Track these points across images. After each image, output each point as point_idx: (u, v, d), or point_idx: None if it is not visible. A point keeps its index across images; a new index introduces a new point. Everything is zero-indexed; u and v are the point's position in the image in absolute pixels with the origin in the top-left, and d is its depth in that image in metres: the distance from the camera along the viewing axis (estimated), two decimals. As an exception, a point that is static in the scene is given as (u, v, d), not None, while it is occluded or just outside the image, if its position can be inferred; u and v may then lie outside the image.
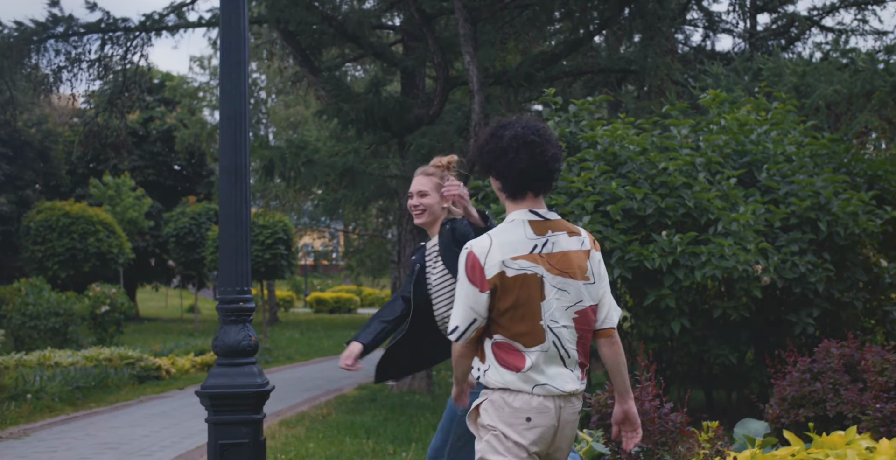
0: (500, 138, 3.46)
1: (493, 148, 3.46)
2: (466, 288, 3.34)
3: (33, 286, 19.01)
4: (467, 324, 3.33)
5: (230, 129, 4.21)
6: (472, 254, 3.35)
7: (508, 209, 3.48)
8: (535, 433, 3.29)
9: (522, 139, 3.42)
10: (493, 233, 3.41)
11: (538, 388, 3.30)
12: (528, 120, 3.53)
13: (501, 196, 3.50)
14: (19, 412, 10.92)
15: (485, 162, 3.48)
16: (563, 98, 11.30)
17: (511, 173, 3.41)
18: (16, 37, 14.27)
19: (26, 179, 35.65)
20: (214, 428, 4.05)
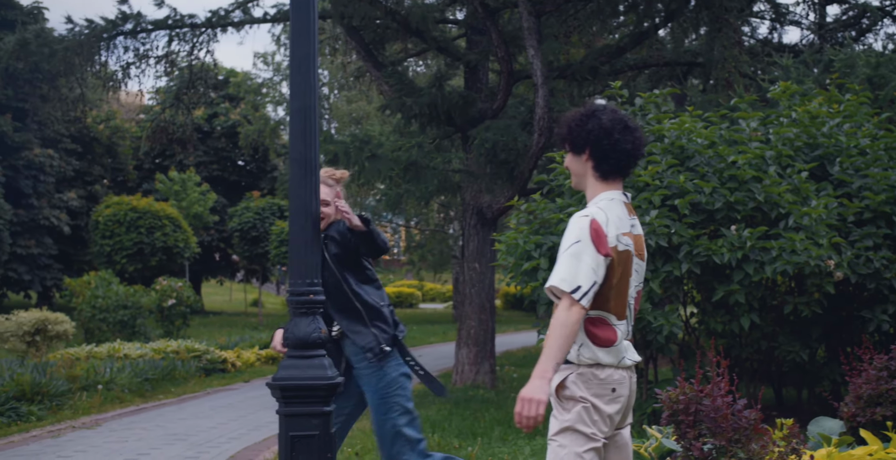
0: (599, 119, 3.54)
1: (594, 127, 3.53)
2: (590, 251, 3.40)
3: (102, 279, 19.36)
4: (590, 285, 3.39)
5: (300, 122, 4.22)
6: (595, 221, 3.44)
7: (596, 188, 3.57)
8: (619, 402, 3.50)
9: (624, 122, 3.55)
10: (602, 207, 3.50)
11: (623, 360, 3.50)
12: (614, 108, 3.60)
13: (590, 175, 3.57)
14: (91, 402, 11.13)
15: (583, 139, 3.54)
16: (629, 91, 11.19)
17: (614, 153, 3.52)
18: (86, 34, 14.52)
19: (95, 175, 36.31)
20: (285, 419, 4.06)
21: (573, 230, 3.46)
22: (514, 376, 14.37)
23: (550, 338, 3.39)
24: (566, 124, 3.62)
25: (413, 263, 43.59)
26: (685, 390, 4.43)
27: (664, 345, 8.07)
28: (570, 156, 3.63)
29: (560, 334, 3.37)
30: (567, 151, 3.66)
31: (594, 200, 3.57)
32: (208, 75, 17.84)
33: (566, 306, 3.38)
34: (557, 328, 3.37)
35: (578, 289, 3.37)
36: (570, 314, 3.37)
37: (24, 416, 10.10)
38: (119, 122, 38.09)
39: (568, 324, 3.37)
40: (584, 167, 3.59)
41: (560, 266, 3.42)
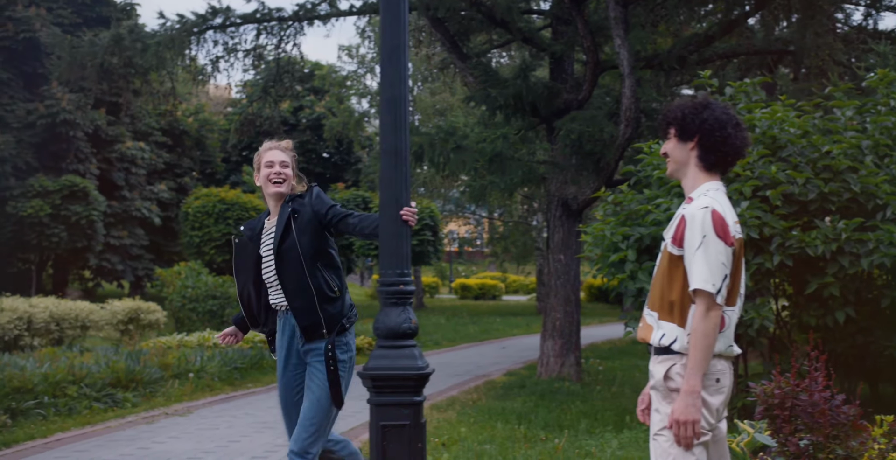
0: (714, 111, 3.54)
1: (709, 118, 3.52)
2: (718, 244, 3.38)
3: (192, 270, 19.77)
4: (722, 281, 3.37)
5: (390, 113, 4.24)
6: (715, 212, 3.42)
7: (698, 179, 3.55)
8: (723, 393, 3.45)
9: (736, 119, 3.56)
10: (714, 197, 3.48)
11: (728, 349, 3.46)
12: (724, 103, 3.63)
13: (693, 164, 3.56)
14: (182, 390, 11.37)
15: (695, 127, 3.52)
16: (718, 81, 10.98)
17: (724, 147, 3.52)
18: (177, 29, 14.81)
19: (184, 167, 37.08)
20: (376, 409, 4.10)
21: (697, 225, 3.41)
22: (599, 369, 14.26)
23: (695, 349, 3.35)
24: (679, 110, 3.58)
25: (496, 255, 43.57)
26: (781, 384, 4.34)
27: (754, 338, 7.92)
28: (673, 142, 3.59)
29: (704, 345, 3.34)
30: (669, 137, 3.62)
31: (699, 190, 3.54)
32: (294, 68, 18.04)
33: (704, 311, 3.35)
34: (701, 339, 3.34)
35: (713, 287, 3.35)
36: (710, 319, 3.34)
37: (119, 403, 10.37)
38: (207, 115, 38.82)
39: (710, 333, 3.35)
40: (688, 155, 3.56)
41: (698, 266, 3.37)
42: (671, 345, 3.44)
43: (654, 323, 3.51)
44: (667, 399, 3.44)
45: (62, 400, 9.79)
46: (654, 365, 3.52)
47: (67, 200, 28.16)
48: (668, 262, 3.49)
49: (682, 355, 3.41)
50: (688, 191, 3.59)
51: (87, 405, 9.96)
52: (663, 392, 3.46)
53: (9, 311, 14.88)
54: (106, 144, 32.10)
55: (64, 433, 8.78)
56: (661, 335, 3.48)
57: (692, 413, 3.31)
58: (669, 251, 3.48)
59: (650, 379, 3.55)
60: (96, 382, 10.46)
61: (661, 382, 3.44)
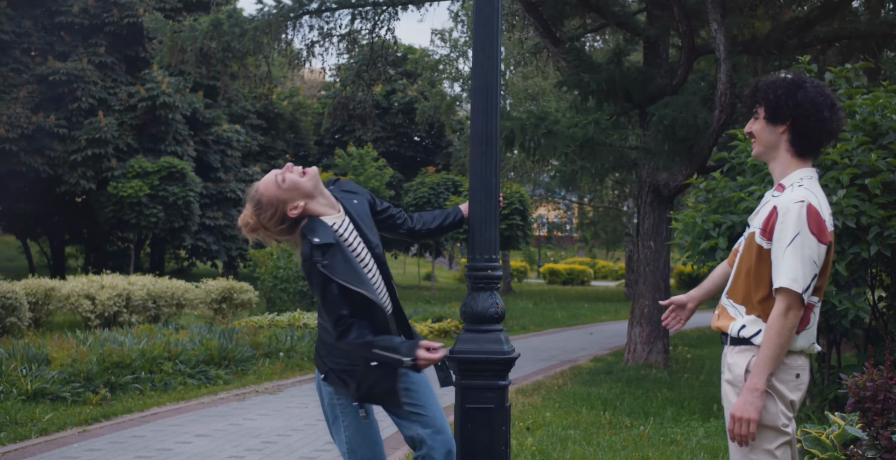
0: (808, 92, 3.34)
1: (804, 100, 3.33)
2: (812, 243, 3.24)
3: (283, 251, 20.10)
4: (812, 281, 3.26)
5: (482, 100, 4.26)
6: (812, 207, 3.26)
7: (790, 165, 3.40)
8: (802, 390, 3.35)
9: (832, 100, 3.36)
10: (810, 188, 3.32)
11: (811, 347, 3.36)
12: (817, 80, 3.41)
13: (783, 148, 3.39)
14: (273, 369, 11.62)
15: (788, 110, 3.35)
16: (819, 66, 10.75)
17: (819, 132, 3.36)
18: (274, 14, 15.03)
19: (278, 149, 37.71)
20: (462, 392, 4.15)
21: (791, 220, 3.25)
22: (687, 357, 14.13)
23: (767, 347, 3.24)
24: (771, 90, 3.38)
25: (586, 240, 43.35)
26: (874, 376, 4.26)
27: (849, 329, 7.76)
28: (762, 124, 3.41)
29: (777, 344, 3.23)
30: (757, 117, 3.45)
31: (791, 177, 3.38)
32: (388, 53, 18.17)
33: (785, 309, 3.23)
34: (775, 337, 3.23)
35: (805, 289, 3.24)
36: (789, 319, 3.23)
37: (212, 379, 10.65)
38: (301, 99, 39.34)
39: (785, 333, 3.23)
40: (777, 139, 3.39)
41: (787, 264, 3.23)
42: (752, 338, 3.34)
43: (736, 314, 3.41)
44: None
45: (158, 376, 10.10)
46: (731, 356, 3.39)
47: (165, 181, 28.88)
48: (756, 256, 3.36)
49: (756, 347, 3.32)
50: (777, 177, 3.44)
51: (182, 381, 10.25)
52: (741, 386, 3.33)
53: (109, 288, 15.37)
54: (203, 127, 32.82)
55: (160, 407, 9.06)
56: (741, 325, 3.37)
57: (751, 411, 3.22)
58: (759, 243, 3.34)
59: (724, 371, 3.43)
60: (190, 359, 10.76)
61: (742, 375, 3.32)
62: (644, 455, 6.81)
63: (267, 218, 3.88)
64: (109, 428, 8.02)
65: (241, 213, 4.03)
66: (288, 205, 3.85)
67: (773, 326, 3.24)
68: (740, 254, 3.48)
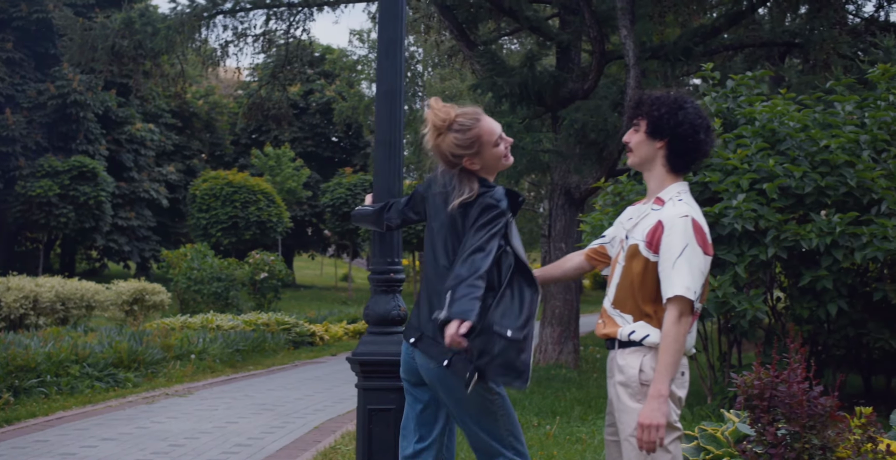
0: (687, 112, 3.49)
1: (683, 121, 3.47)
2: (699, 254, 3.38)
3: (198, 252, 19.92)
4: (701, 290, 3.40)
5: (386, 105, 4.33)
6: (696, 221, 3.41)
7: (665, 179, 3.53)
8: (686, 387, 3.47)
9: (708, 124, 3.52)
10: (688, 202, 3.47)
11: (691, 349, 3.50)
12: (696, 102, 3.55)
13: (659, 163, 3.52)
14: (184, 371, 11.51)
15: (668, 129, 3.47)
16: (723, 72, 11.02)
17: (694, 153, 3.51)
18: (188, 13, 14.89)
19: (193, 149, 37.23)
20: (364, 393, 4.20)
21: (678, 233, 3.38)
22: (597, 357, 14.38)
23: (666, 353, 3.33)
24: (655, 106, 3.50)
25: (503, 242, 43.57)
26: (761, 375, 4.43)
27: (747, 329, 8.01)
28: (641, 136, 3.53)
29: (675, 350, 3.34)
30: (638, 130, 3.55)
31: (669, 191, 3.50)
32: (304, 53, 18.12)
33: (678, 316, 3.34)
34: (672, 344, 3.33)
35: (698, 297, 3.37)
36: (682, 326, 3.34)
37: (121, 382, 10.52)
38: (217, 98, 38.91)
39: (681, 339, 3.35)
40: (654, 153, 3.51)
41: (679, 274, 3.35)
42: (643, 341, 3.43)
43: (623, 322, 3.49)
44: (638, 395, 3.41)
45: (65, 380, 9.94)
46: (623, 358, 3.46)
47: (76, 181, 28.34)
48: (642, 268, 3.46)
49: (651, 348, 3.41)
50: (654, 190, 3.55)
51: (89, 384, 10.11)
52: (635, 387, 3.41)
53: (15, 290, 15.04)
54: (116, 126, 32.26)
55: (65, 411, 8.93)
56: (630, 330, 3.46)
57: (659, 417, 3.28)
58: (645, 256, 3.45)
59: (614, 374, 3.48)
60: (99, 362, 10.61)
61: (636, 376, 3.41)
62: (549, 453, 6.94)
63: (458, 142, 3.79)
64: (12, 433, 7.88)
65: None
66: (475, 155, 3.81)
67: (669, 334, 3.34)
68: (622, 265, 3.54)
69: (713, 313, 7.89)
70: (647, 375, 3.40)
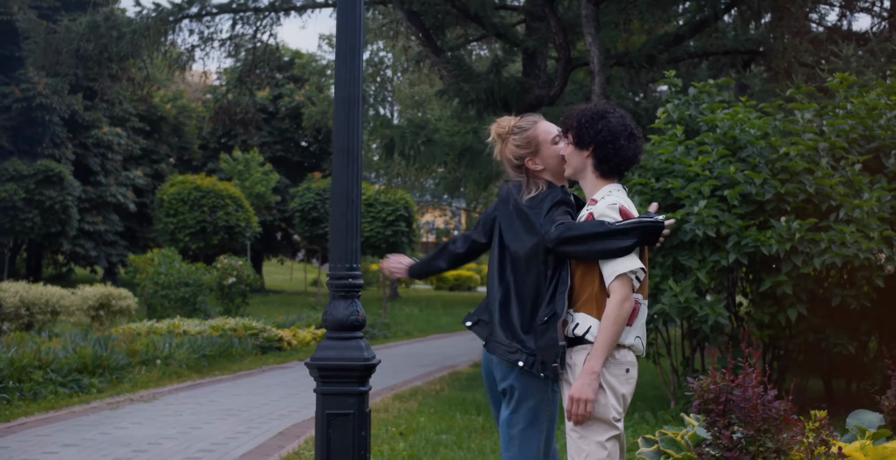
0: (608, 121, 3.68)
1: (603, 129, 3.67)
2: None
3: (165, 256, 19.81)
4: (639, 268, 3.56)
5: (344, 113, 4.36)
6: (623, 207, 3.63)
7: (597, 184, 3.73)
8: (632, 384, 3.66)
9: (630, 129, 3.71)
10: (618, 196, 3.67)
11: (636, 341, 3.63)
12: (622, 111, 3.75)
13: (589, 171, 3.72)
14: (149, 376, 11.46)
15: (589, 138, 3.69)
16: (688, 80, 11.15)
17: (616, 158, 3.69)
18: (153, 17, 14.85)
19: (161, 153, 37.00)
20: (322, 398, 4.23)
21: (608, 218, 3.59)
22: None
23: (604, 334, 3.50)
24: (576, 118, 3.74)
25: (472, 246, 43.66)
26: (716, 380, 4.49)
27: (709, 334, 8.10)
28: (570, 148, 3.77)
29: (614, 331, 3.51)
30: (568, 143, 3.78)
31: (601, 192, 3.71)
32: (272, 57, 18.10)
33: (621, 300, 3.51)
34: (611, 325, 3.50)
35: (636, 276, 3.55)
36: (624, 308, 3.52)
37: (85, 388, 10.45)
38: (186, 102, 38.71)
39: (620, 322, 3.52)
40: (584, 162, 3.75)
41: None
42: (585, 335, 3.59)
43: (568, 318, 3.65)
44: None
45: (27, 385, 9.86)
46: (570, 357, 3.63)
47: (42, 185, 28.10)
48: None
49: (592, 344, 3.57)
50: (589, 194, 3.78)
51: (53, 390, 10.04)
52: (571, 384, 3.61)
53: (-21, 295, 14.89)
54: (82, 129, 32.03)
55: (27, 417, 8.86)
56: (574, 325, 3.62)
57: (588, 392, 3.48)
58: None
59: (566, 372, 3.65)
60: (62, 367, 10.54)
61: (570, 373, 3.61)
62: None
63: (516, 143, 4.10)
64: (-27, 440, 7.82)
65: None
66: (531, 156, 4.04)
67: (609, 315, 3.51)
68: None
69: (676, 318, 7.98)
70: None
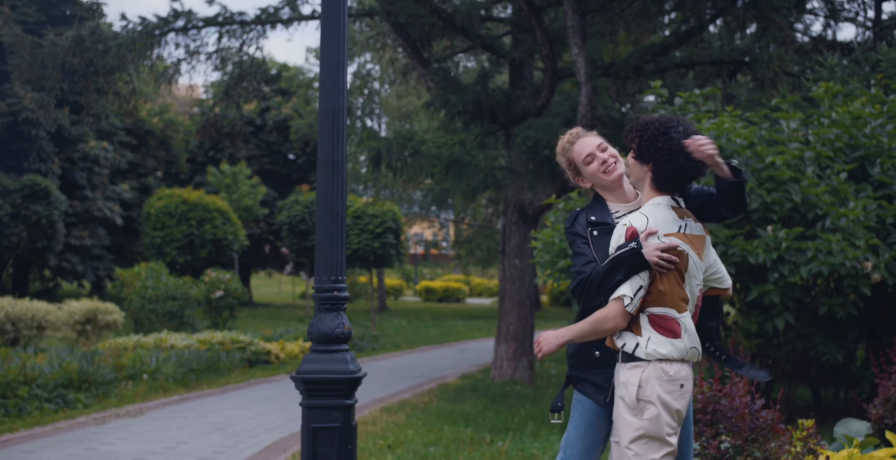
0: (669, 138, 3.67)
1: (663, 147, 3.66)
2: None
3: (152, 270, 19.73)
4: (636, 291, 3.58)
5: (328, 124, 4.34)
6: (632, 229, 3.63)
7: (649, 195, 3.75)
8: (686, 398, 3.64)
9: None
10: (645, 212, 3.68)
11: (690, 351, 3.63)
12: (689, 123, 3.72)
13: (647, 182, 3.75)
14: (136, 391, 11.39)
15: (650, 154, 3.69)
16: (674, 90, 11.17)
17: (674, 175, 3.69)
18: (139, 31, 14.80)
19: (148, 167, 36.89)
20: (308, 411, 4.20)
21: (614, 238, 3.68)
22: (552, 372, 14.43)
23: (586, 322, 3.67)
24: (639, 133, 3.74)
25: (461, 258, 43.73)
26: (704, 389, 4.49)
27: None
28: (632, 160, 3.80)
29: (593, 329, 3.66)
30: (633, 153, 3.79)
31: (647, 205, 3.75)
32: (259, 70, 18.05)
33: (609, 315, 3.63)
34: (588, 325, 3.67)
35: (632, 300, 3.58)
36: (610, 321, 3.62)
37: (70, 403, 10.38)
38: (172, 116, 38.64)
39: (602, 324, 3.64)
40: (644, 174, 3.76)
41: None
42: (635, 352, 3.59)
43: (618, 333, 3.68)
44: (634, 409, 3.55)
45: (12, 401, 9.79)
46: (623, 374, 3.63)
47: (28, 200, 27.96)
48: None
49: (649, 362, 3.56)
50: (642, 203, 3.81)
51: (38, 406, 9.97)
52: (630, 401, 3.57)
53: (-36, 311, 14.80)
54: (68, 144, 31.91)
55: (12, 434, 8.79)
56: (622, 343, 3.65)
57: (551, 343, 3.70)
58: None
59: (618, 387, 3.64)
60: (48, 383, 10.47)
61: (634, 393, 3.55)
62: (501, 470, 6.96)
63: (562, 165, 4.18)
64: (-43, 457, 7.75)
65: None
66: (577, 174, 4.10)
67: (590, 319, 3.65)
68: None
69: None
70: (644, 391, 3.56)
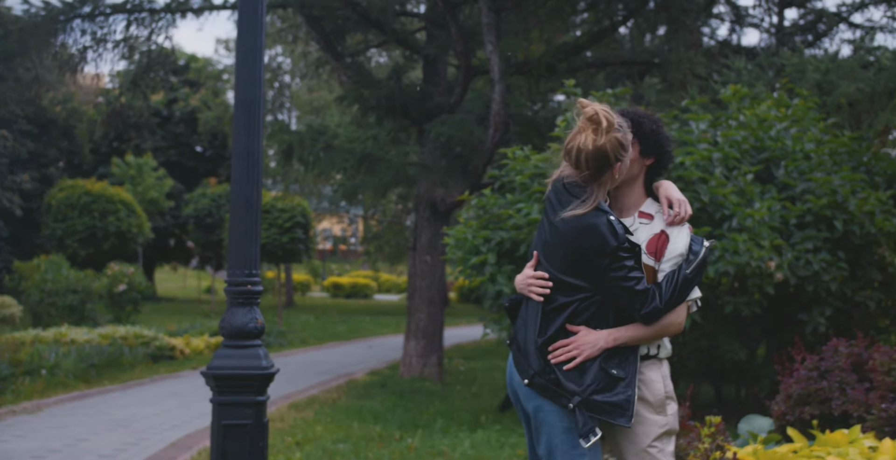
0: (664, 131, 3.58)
1: (664, 137, 3.54)
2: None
3: (53, 263, 19.18)
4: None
5: (244, 114, 4.25)
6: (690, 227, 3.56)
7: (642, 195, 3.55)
8: None
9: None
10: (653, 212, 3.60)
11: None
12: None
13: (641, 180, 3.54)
14: (33, 387, 11.05)
15: (659, 146, 3.51)
16: (586, 89, 11.26)
17: (668, 163, 3.59)
18: (43, 16, 14.36)
19: (50, 157, 35.87)
20: (218, 408, 4.11)
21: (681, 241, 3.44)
22: (461, 369, 14.47)
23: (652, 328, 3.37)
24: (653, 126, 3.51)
25: (370, 254, 43.58)
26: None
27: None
28: (634, 155, 3.47)
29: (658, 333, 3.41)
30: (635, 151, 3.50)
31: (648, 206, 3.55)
32: (167, 60, 17.67)
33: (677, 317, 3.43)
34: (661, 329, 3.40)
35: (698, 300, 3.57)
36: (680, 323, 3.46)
37: (-36, 400, 10.03)
38: (77, 105, 37.65)
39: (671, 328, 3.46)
40: (640, 171, 3.53)
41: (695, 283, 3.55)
42: (659, 353, 3.48)
43: None
44: (658, 407, 3.42)
45: None
46: (643, 372, 3.44)
47: (-79, 188, 26.98)
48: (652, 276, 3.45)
49: (661, 359, 3.47)
50: (632, 204, 3.56)
51: (-70, 402, 9.61)
52: (656, 399, 3.42)
53: None
54: (-35, 131, 30.86)
55: None
56: None
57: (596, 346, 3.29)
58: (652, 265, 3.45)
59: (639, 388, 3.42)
60: (-59, 378, 10.10)
61: (661, 390, 3.43)
62: (411, 466, 6.93)
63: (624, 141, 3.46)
64: None
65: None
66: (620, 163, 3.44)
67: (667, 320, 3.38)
68: None
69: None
70: (667, 386, 3.45)
